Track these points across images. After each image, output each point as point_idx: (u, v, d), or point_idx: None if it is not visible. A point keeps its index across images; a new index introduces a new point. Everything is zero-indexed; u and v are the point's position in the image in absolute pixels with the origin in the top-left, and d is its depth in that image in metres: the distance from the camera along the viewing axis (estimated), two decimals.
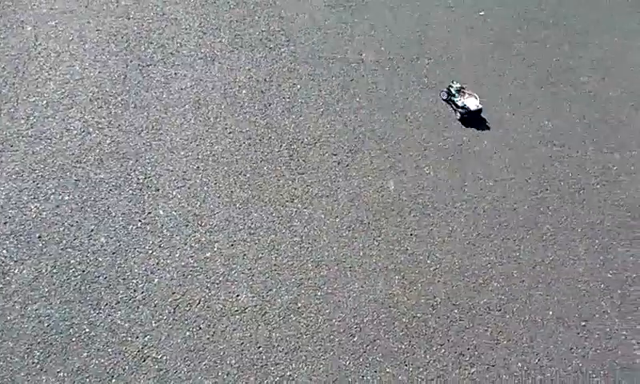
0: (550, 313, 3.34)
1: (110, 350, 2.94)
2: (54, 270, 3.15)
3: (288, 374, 2.98)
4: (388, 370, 3.05)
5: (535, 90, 4.40)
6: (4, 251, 3.18)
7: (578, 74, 4.57)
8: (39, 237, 3.25)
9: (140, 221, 3.37)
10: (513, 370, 3.12)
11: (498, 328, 3.25)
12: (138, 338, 2.99)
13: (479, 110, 4.12)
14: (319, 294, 3.26)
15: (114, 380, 2.86)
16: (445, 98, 4.19)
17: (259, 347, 3.04)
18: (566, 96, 4.40)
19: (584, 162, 4.02)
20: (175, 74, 4.05)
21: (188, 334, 3.03)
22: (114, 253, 3.23)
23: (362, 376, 3.01)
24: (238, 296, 3.19)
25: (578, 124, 4.24)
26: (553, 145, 4.09)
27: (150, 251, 3.27)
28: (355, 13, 4.71)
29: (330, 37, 4.47)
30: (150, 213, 3.41)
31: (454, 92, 4.11)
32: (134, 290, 3.12)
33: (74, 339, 2.95)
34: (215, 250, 3.34)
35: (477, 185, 3.79)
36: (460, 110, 4.10)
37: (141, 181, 3.53)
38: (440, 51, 4.52)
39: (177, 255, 3.28)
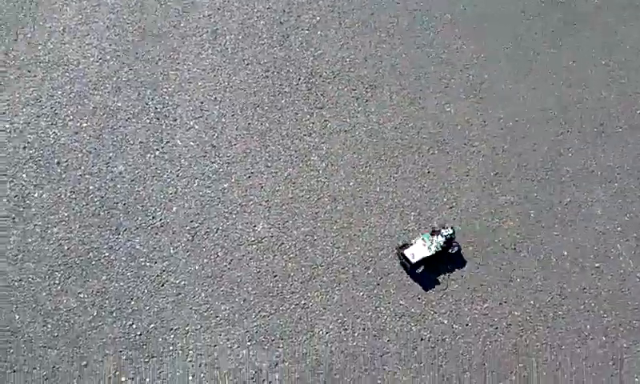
0: (565, 253, 3.34)
1: (129, 273, 2.99)
2: (73, 195, 3.17)
3: (303, 302, 3.03)
4: (401, 302, 3.09)
5: (560, 30, 4.30)
6: (24, 175, 3.21)
7: (605, 16, 4.45)
8: (58, 162, 3.27)
9: (158, 150, 3.38)
10: (525, 307, 3.15)
11: (512, 266, 3.27)
12: (156, 263, 3.04)
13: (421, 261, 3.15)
14: (335, 227, 3.28)
15: (132, 302, 2.92)
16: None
17: (275, 276, 3.08)
18: (590, 37, 4.30)
19: (607, 105, 3.95)
20: (193, 2, 3.99)
21: (206, 261, 3.08)
22: (132, 180, 3.25)
23: (376, 307, 3.05)
24: (254, 226, 3.22)
25: (603, 67, 4.15)
26: (576, 87, 4.01)
27: (169, 180, 3.29)
28: None
29: None
30: (167, 142, 3.41)
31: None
32: (153, 217, 3.15)
33: (93, 263, 3.00)
34: (233, 181, 3.35)
35: (497, 124, 3.75)
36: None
37: (158, 110, 3.51)
38: None
39: (194, 185, 3.30)
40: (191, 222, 3.18)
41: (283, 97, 3.69)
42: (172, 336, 2.88)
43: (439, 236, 3.19)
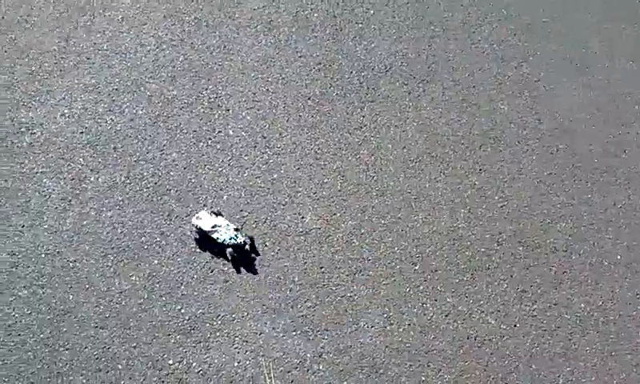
0: (618, 257, 3.26)
1: (179, 259, 3.05)
2: (128, 181, 3.25)
3: (349, 295, 3.04)
4: (448, 299, 3.06)
5: (621, 28, 4.17)
6: (81, 159, 3.30)
7: None
8: (114, 148, 3.35)
9: (210, 139, 3.43)
10: (575, 310, 3.08)
11: (563, 268, 3.21)
12: (206, 250, 3.09)
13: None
14: (383, 222, 3.27)
15: (182, 287, 2.98)
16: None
17: (322, 268, 3.10)
18: None
19: None
20: None
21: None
22: (184, 168, 3.31)
23: (422, 303, 3.04)
24: (302, 218, 3.24)
25: None
26: (634, 87, 3.90)
27: (220, 169, 3.34)
28: None
29: None
30: (220, 132, 3.46)
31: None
32: (204, 205, 3.21)
33: (145, 247, 3.07)
34: (282, 172, 3.37)
35: (552, 123, 3.68)
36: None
37: (212, 100, 3.57)
38: None
39: (245, 174, 3.34)
40: (240, 210, 3.22)
41: (334, 90, 3.69)
42: (219, 322, 2.93)
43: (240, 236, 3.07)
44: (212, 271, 3.03)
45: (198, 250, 3.08)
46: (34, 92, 3.48)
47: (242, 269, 3.05)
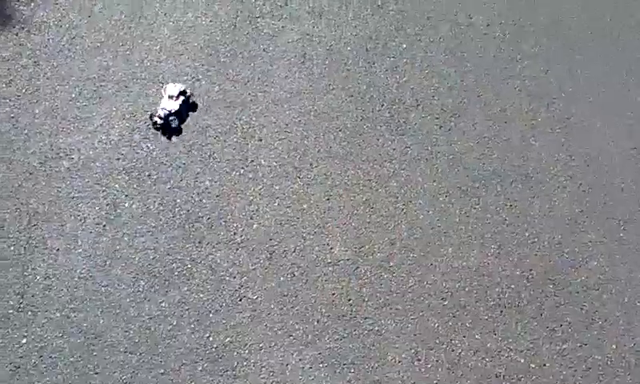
0: None
1: (209, 286, 3.09)
2: (161, 207, 3.31)
3: (376, 328, 3.03)
4: (477, 336, 3.04)
5: None
6: (116, 185, 3.37)
7: None
8: (149, 175, 3.42)
9: (243, 168, 3.48)
10: (606, 351, 3.03)
11: (594, 307, 3.16)
12: (235, 277, 3.12)
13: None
14: (412, 255, 3.27)
15: (211, 315, 3.01)
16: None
17: (349, 299, 3.10)
18: None
19: None
20: (283, 27, 4.10)
21: (282, 279, 3.13)
22: (217, 196, 3.37)
23: (451, 339, 3.02)
24: (331, 248, 3.25)
25: None
26: None
27: (251, 198, 3.38)
28: None
29: None
30: (252, 161, 3.51)
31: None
32: (234, 233, 3.25)
33: (176, 273, 3.12)
34: (312, 202, 3.40)
35: (583, 160, 3.65)
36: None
37: (245, 130, 3.63)
38: (549, 20, 4.33)
39: (275, 204, 3.38)
40: (270, 240, 3.25)
41: (365, 122, 3.73)
42: (246, 351, 2.95)
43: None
44: (241, 300, 3.06)
45: (227, 278, 3.12)
46: (74, 118, 3.58)
47: (270, 298, 3.07)
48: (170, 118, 3.57)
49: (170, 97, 3.62)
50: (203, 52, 3.93)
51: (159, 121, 3.56)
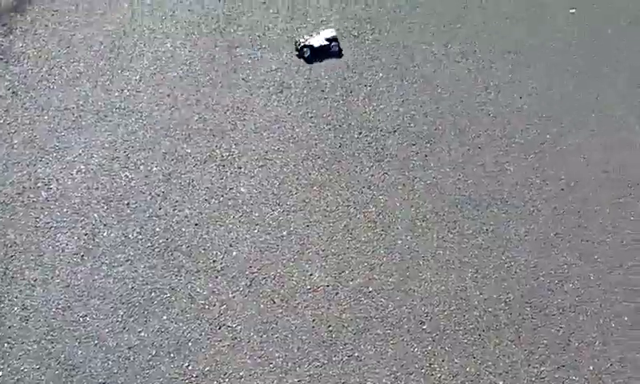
0: (626, 319, 3.25)
1: (188, 315, 3.08)
2: (140, 236, 3.31)
3: (356, 354, 3.04)
4: (456, 360, 3.06)
5: (631, 92, 4.26)
6: (95, 215, 3.37)
7: None
8: (127, 204, 3.43)
9: (222, 196, 3.50)
10: (583, 373, 3.07)
11: (571, 329, 3.20)
12: (214, 306, 3.12)
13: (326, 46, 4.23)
14: (390, 280, 3.29)
15: (190, 344, 3.00)
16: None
17: (329, 326, 3.11)
18: None
19: None
20: (261, 56, 4.16)
21: (262, 306, 3.14)
22: (196, 224, 3.38)
23: (430, 364, 3.03)
24: (311, 275, 3.27)
25: None
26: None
27: (231, 225, 3.39)
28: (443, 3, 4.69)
29: (416, 26, 4.46)
30: (231, 189, 3.54)
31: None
32: (214, 261, 3.25)
33: (155, 302, 3.11)
34: (291, 229, 3.43)
35: (558, 184, 3.72)
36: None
37: (225, 157, 3.65)
38: (526, 49, 4.44)
39: (255, 231, 3.39)
40: (250, 267, 3.26)
41: (344, 149, 3.77)
42: (226, 380, 2.94)
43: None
44: (220, 328, 3.05)
45: (207, 306, 3.12)
46: (52, 148, 3.58)
47: (250, 326, 3.07)
48: (305, 50, 4.18)
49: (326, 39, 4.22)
50: (182, 82, 3.97)
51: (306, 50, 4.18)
